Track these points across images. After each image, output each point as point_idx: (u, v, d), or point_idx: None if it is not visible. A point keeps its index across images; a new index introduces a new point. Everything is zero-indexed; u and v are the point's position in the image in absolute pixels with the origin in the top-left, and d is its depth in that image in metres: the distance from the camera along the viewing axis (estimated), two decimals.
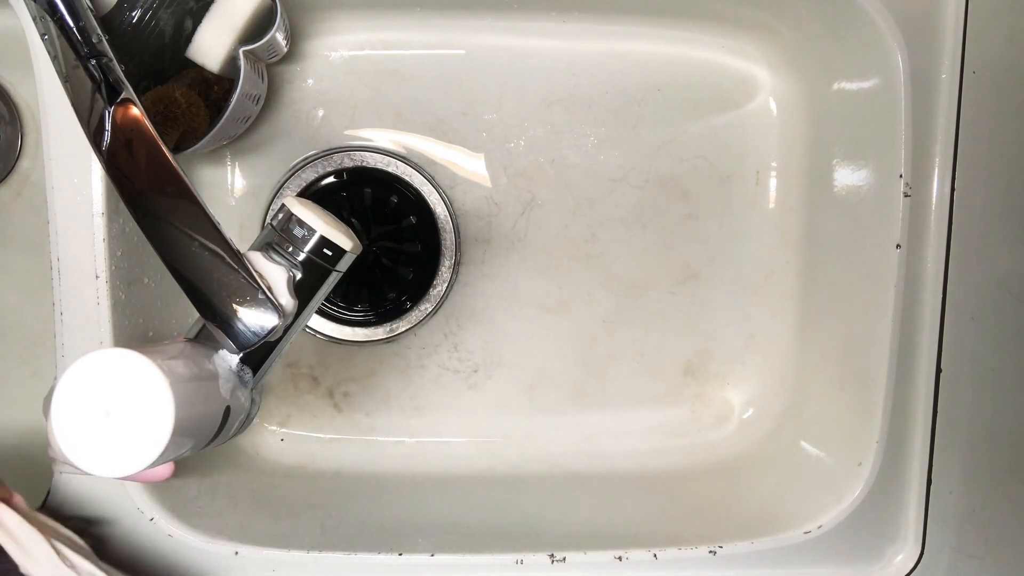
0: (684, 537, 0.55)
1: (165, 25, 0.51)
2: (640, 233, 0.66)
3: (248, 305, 0.39)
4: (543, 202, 0.65)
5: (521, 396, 0.67)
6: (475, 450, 0.67)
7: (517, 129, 0.64)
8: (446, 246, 0.64)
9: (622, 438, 0.67)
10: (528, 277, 0.66)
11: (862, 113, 0.57)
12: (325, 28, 0.62)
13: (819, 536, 0.54)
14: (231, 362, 0.40)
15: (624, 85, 0.64)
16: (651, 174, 0.65)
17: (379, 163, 0.63)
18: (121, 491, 0.51)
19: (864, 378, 0.56)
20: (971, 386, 0.54)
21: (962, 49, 0.52)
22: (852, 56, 0.57)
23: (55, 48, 0.40)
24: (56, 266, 0.48)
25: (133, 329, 0.52)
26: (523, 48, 0.64)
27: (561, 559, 0.53)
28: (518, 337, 0.66)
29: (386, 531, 0.56)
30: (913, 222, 0.53)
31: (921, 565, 0.54)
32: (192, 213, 0.39)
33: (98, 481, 0.50)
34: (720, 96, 0.65)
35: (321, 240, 0.42)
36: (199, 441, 0.38)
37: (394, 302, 0.65)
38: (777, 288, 0.66)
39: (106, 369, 0.34)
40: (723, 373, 0.68)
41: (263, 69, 0.57)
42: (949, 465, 0.54)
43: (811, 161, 0.64)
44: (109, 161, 0.39)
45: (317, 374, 0.66)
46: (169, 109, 0.50)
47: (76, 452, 0.34)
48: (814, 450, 0.61)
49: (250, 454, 0.65)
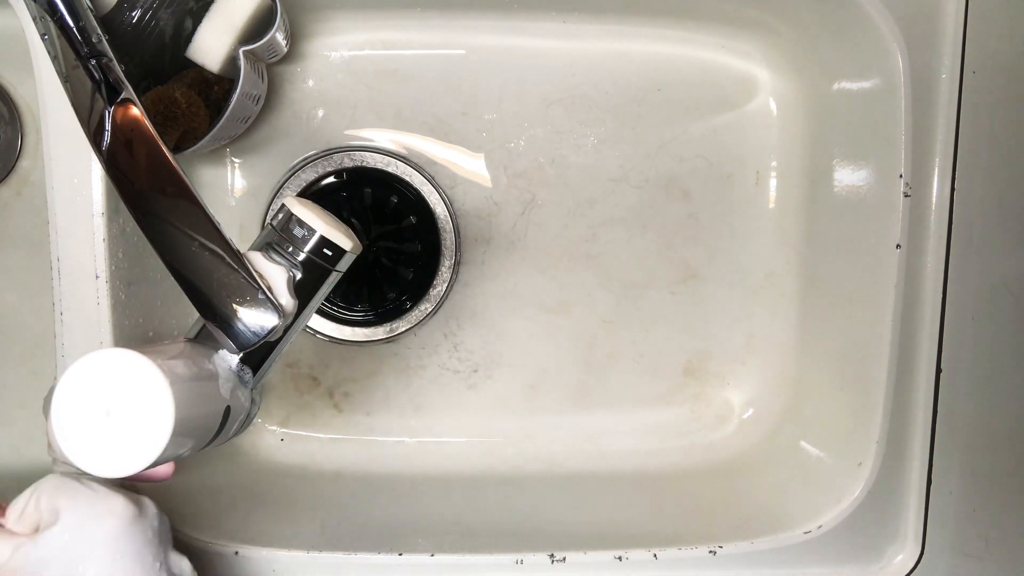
0: (684, 537, 0.55)
1: (165, 25, 0.51)
2: (640, 233, 0.66)
3: (248, 305, 0.39)
4: (543, 202, 0.65)
5: (521, 396, 0.67)
6: (475, 450, 0.67)
7: (517, 129, 0.64)
8: (446, 246, 0.64)
9: (622, 438, 0.67)
10: (528, 277, 0.66)
11: (862, 113, 0.57)
12: (325, 28, 0.62)
13: (819, 536, 0.54)
14: (231, 362, 0.40)
15: (624, 85, 0.64)
16: (651, 174, 0.65)
17: (379, 163, 0.63)
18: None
19: (864, 378, 0.56)
20: (971, 386, 0.54)
21: (962, 49, 0.52)
22: (852, 56, 0.57)
23: (55, 48, 0.40)
24: (56, 266, 0.48)
25: (133, 329, 0.52)
26: (523, 48, 0.64)
27: (561, 559, 0.53)
28: (518, 337, 0.66)
29: (386, 531, 0.56)
30: (913, 222, 0.53)
31: (921, 565, 0.54)
32: (192, 213, 0.39)
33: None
34: (720, 96, 0.65)
35: (321, 240, 0.42)
36: (199, 441, 0.38)
37: (394, 302, 0.65)
38: (777, 288, 0.66)
39: (106, 369, 0.34)
40: (723, 373, 0.68)
41: (263, 69, 0.57)
42: (949, 465, 0.54)
43: (811, 161, 0.64)
44: (109, 161, 0.39)
45: (317, 374, 0.66)
46: (169, 109, 0.50)
47: (76, 452, 0.34)
48: (814, 450, 0.61)
49: (250, 454, 0.65)
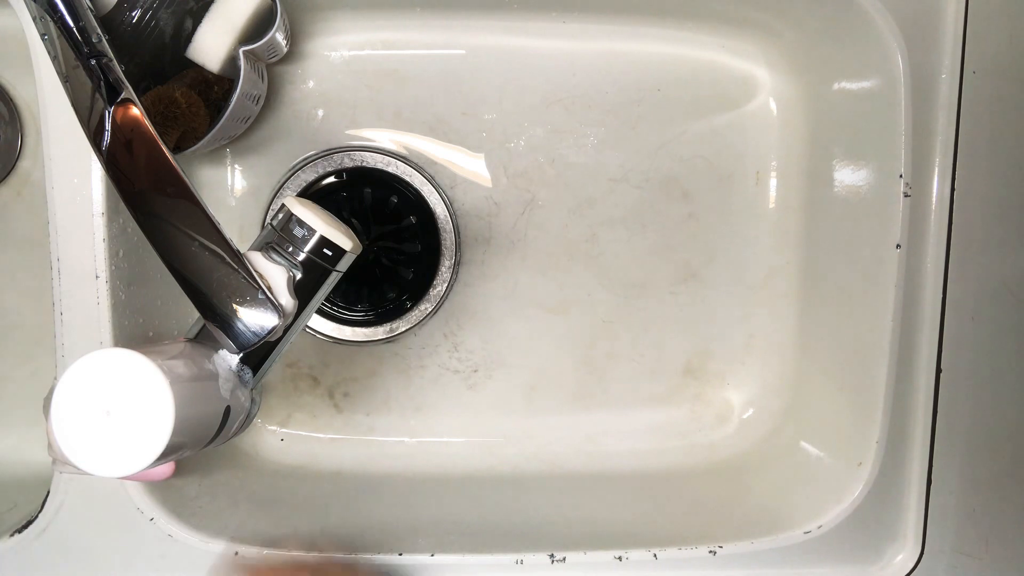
0: (684, 537, 0.55)
1: (165, 25, 0.51)
2: (640, 233, 0.66)
3: (248, 305, 0.39)
4: (543, 202, 0.65)
5: (521, 396, 0.67)
6: (475, 450, 0.67)
7: (517, 129, 0.64)
8: (446, 246, 0.64)
9: (622, 438, 0.67)
10: (528, 277, 0.66)
11: (862, 113, 0.57)
12: (325, 28, 0.62)
13: (819, 536, 0.54)
14: (231, 362, 0.40)
15: (624, 85, 0.64)
16: (651, 174, 0.65)
17: (379, 163, 0.63)
18: (121, 491, 0.51)
19: (864, 378, 0.56)
20: (971, 386, 0.54)
21: (962, 49, 0.52)
22: (852, 56, 0.57)
23: (55, 48, 0.40)
24: (56, 266, 0.48)
25: (133, 329, 0.52)
26: (523, 48, 0.64)
27: (561, 559, 0.53)
28: (518, 337, 0.66)
29: (386, 531, 0.56)
30: (913, 222, 0.53)
31: (921, 565, 0.54)
32: (192, 213, 0.39)
33: (98, 481, 0.50)
34: (720, 96, 0.65)
35: (321, 240, 0.42)
36: (199, 441, 0.38)
37: (394, 302, 0.65)
38: (777, 288, 0.66)
39: (106, 369, 0.34)
40: (723, 373, 0.68)
41: (263, 69, 0.57)
42: (949, 465, 0.54)
43: (811, 161, 0.64)
44: (109, 161, 0.39)
45: (317, 374, 0.66)
46: (169, 109, 0.50)
47: (76, 452, 0.34)
48: (814, 450, 0.61)
49: (250, 454, 0.65)
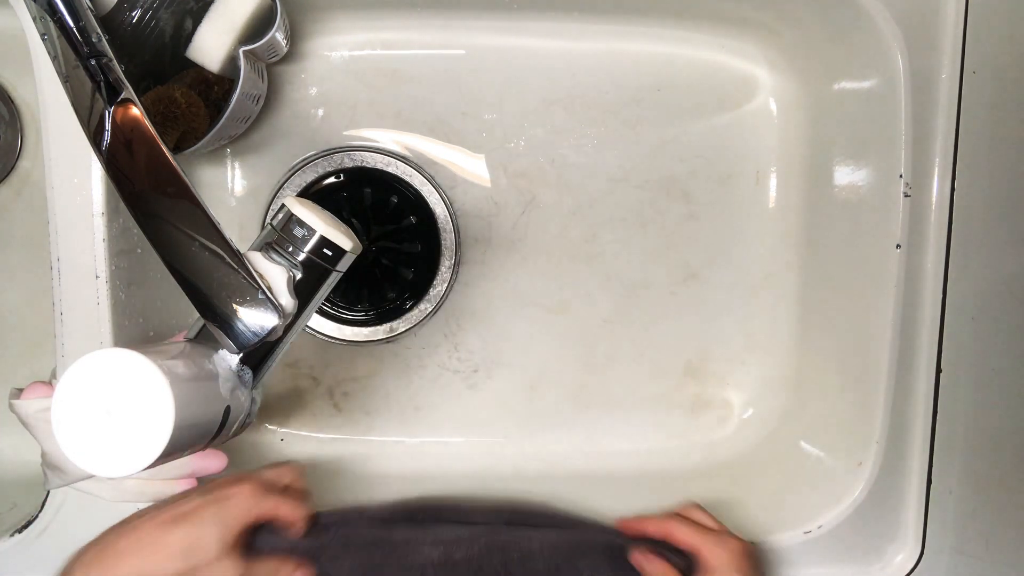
0: None
1: (165, 25, 0.51)
2: (640, 233, 0.66)
3: (248, 305, 0.39)
4: (543, 202, 0.65)
5: (521, 396, 0.67)
6: (475, 450, 0.67)
7: (517, 129, 0.64)
8: (446, 246, 0.64)
9: (622, 438, 0.67)
10: (528, 277, 0.66)
11: (862, 113, 0.57)
12: (325, 28, 0.62)
13: (819, 536, 0.54)
14: (231, 362, 0.40)
15: (624, 85, 0.64)
16: (651, 174, 0.65)
17: (379, 163, 0.63)
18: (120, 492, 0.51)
19: (864, 378, 0.56)
20: (971, 386, 0.54)
21: (962, 49, 0.52)
22: (852, 56, 0.57)
23: (55, 48, 0.40)
24: (56, 266, 0.48)
25: (133, 329, 0.52)
26: (523, 48, 0.64)
27: None
28: (518, 337, 0.66)
29: None
30: (913, 222, 0.53)
31: (921, 565, 0.54)
32: (192, 213, 0.39)
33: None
34: (720, 96, 0.65)
35: (321, 240, 0.42)
36: (199, 441, 0.38)
37: (394, 302, 0.65)
38: (777, 288, 0.66)
39: (106, 369, 0.34)
40: (723, 373, 0.68)
41: (263, 69, 0.57)
42: (949, 465, 0.54)
43: (811, 161, 0.64)
44: (109, 161, 0.39)
45: (317, 374, 0.66)
46: (169, 109, 0.50)
47: (76, 452, 0.34)
48: (814, 450, 0.61)
49: (250, 454, 0.65)
